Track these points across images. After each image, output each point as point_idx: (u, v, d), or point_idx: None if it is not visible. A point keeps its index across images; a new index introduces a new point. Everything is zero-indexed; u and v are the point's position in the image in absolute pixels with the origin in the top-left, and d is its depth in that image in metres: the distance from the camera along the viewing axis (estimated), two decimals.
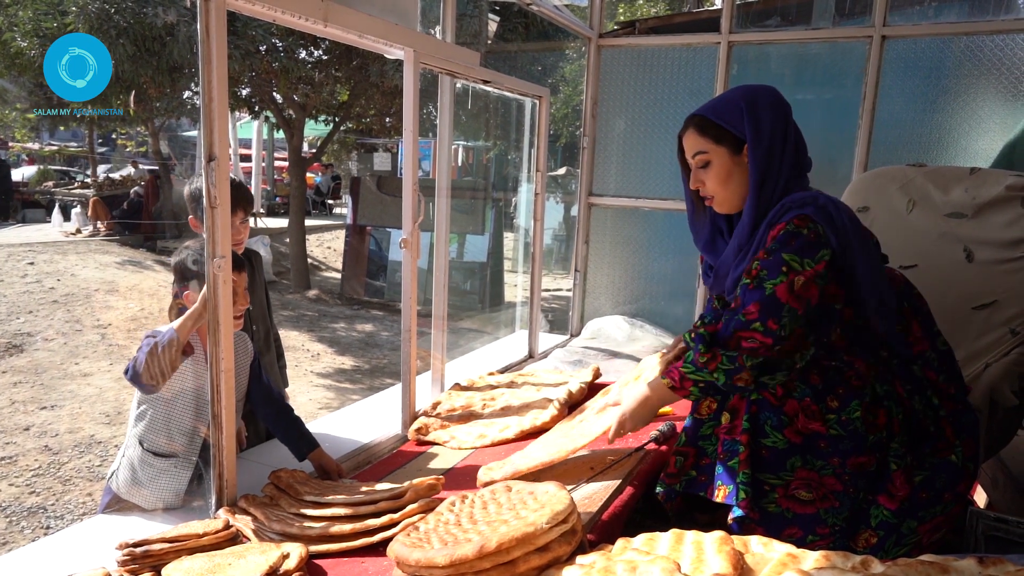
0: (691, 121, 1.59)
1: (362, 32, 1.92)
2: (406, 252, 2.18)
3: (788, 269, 1.39)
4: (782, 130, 1.50)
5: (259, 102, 8.29)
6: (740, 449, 1.41)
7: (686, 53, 3.28)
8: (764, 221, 1.49)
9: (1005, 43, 2.72)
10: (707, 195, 1.59)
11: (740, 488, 1.38)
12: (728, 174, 1.54)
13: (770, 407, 1.42)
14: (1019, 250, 1.94)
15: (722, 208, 1.59)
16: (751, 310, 1.41)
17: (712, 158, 1.54)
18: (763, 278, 1.41)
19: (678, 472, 1.53)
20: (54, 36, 5.70)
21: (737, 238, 1.55)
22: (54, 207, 11.43)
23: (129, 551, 1.39)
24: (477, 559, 1.14)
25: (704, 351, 1.44)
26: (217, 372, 1.57)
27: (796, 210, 1.44)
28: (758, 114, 1.49)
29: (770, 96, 1.52)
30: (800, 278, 1.39)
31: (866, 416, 1.39)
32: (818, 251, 1.40)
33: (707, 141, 1.55)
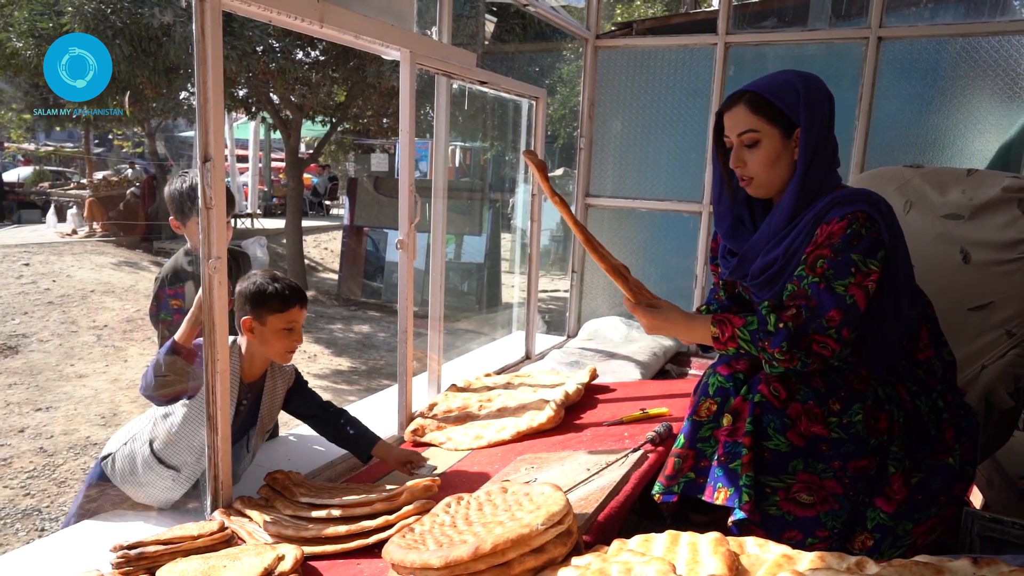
0: (741, 97, 1.51)
1: (358, 33, 1.92)
2: (402, 253, 2.18)
3: (856, 270, 1.37)
4: (831, 120, 1.50)
5: (256, 103, 8.27)
6: (743, 452, 1.40)
7: (683, 54, 3.28)
8: (809, 212, 1.46)
9: (1001, 44, 2.73)
10: (746, 176, 1.52)
11: (743, 491, 1.37)
12: (777, 157, 1.49)
13: (773, 410, 1.41)
14: (1015, 252, 1.94)
15: (759, 191, 1.54)
16: (833, 316, 1.37)
17: (763, 138, 1.48)
18: (830, 278, 1.38)
19: (676, 474, 1.53)
20: (50, 36, 5.68)
21: (771, 224, 1.51)
22: (49, 208, 11.39)
23: (123, 553, 1.38)
24: (472, 560, 1.13)
25: (785, 350, 1.37)
26: (212, 373, 1.56)
27: (848, 206, 1.41)
28: (813, 100, 1.46)
29: (821, 85, 1.51)
30: (868, 283, 1.38)
31: (867, 419, 1.38)
32: (878, 252, 1.39)
33: (760, 119, 1.48)
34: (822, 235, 1.42)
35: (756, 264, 1.53)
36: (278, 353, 1.81)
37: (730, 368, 1.54)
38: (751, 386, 1.47)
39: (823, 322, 1.37)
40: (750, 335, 1.43)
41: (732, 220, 1.62)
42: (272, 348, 1.80)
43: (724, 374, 1.54)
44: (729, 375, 1.53)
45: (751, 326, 1.43)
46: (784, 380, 1.43)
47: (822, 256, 1.40)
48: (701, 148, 3.25)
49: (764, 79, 1.52)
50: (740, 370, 1.53)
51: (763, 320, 1.42)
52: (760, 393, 1.43)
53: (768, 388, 1.42)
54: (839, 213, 1.41)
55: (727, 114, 1.53)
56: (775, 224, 1.51)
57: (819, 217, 1.45)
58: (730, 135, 1.53)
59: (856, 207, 1.41)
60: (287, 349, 1.80)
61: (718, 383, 1.53)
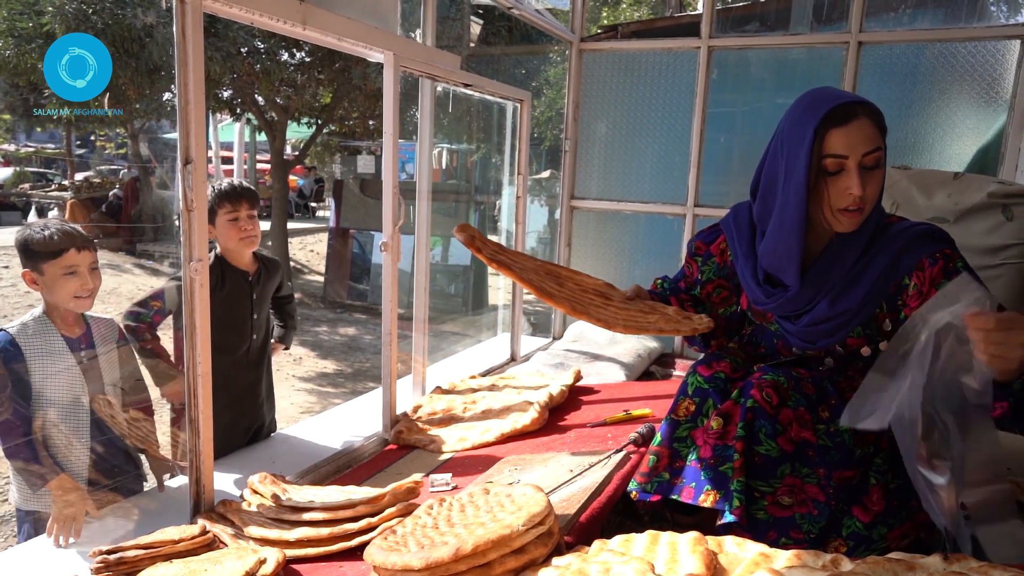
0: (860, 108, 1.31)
1: (341, 35, 1.91)
2: (387, 255, 2.18)
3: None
4: None
5: (241, 104, 8.22)
6: (735, 456, 1.40)
7: (667, 57, 3.30)
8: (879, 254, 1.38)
9: (978, 50, 2.77)
10: (859, 205, 1.33)
11: (735, 496, 1.37)
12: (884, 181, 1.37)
13: (765, 415, 1.41)
14: (998, 257, 1.96)
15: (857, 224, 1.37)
16: None
17: (882, 159, 1.33)
18: None
19: (650, 472, 1.53)
20: (30, 37, 5.62)
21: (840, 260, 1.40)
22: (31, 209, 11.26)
23: (103, 558, 1.37)
24: (453, 562, 1.14)
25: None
26: (195, 376, 1.55)
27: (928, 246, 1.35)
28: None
29: None
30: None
31: (855, 429, 1.38)
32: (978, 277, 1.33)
33: (881, 137, 1.33)
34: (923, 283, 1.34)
35: (821, 311, 1.42)
36: (67, 299, 1.78)
37: (710, 369, 1.55)
38: (743, 390, 1.47)
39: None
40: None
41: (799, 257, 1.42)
42: (58, 294, 1.77)
43: (704, 375, 1.55)
44: (710, 376, 1.54)
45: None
46: (776, 386, 1.43)
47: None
48: (685, 151, 3.27)
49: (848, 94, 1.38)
50: (721, 370, 1.54)
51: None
52: (752, 398, 1.42)
53: (761, 393, 1.42)
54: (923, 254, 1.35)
55: (841, 129, 1.30)
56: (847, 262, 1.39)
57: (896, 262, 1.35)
58: (849, 154, 1.31)
59: (939, 245, 1.36)
60: (74, 294, 1.78)
61: (697, 383, 1.54)
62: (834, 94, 1.37)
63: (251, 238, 2.21)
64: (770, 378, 1.43)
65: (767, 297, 1.52)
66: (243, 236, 2.18)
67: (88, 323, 1.86)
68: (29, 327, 1.77)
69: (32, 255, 1.76)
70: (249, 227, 2.19)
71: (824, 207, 1.38)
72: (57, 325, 1.80)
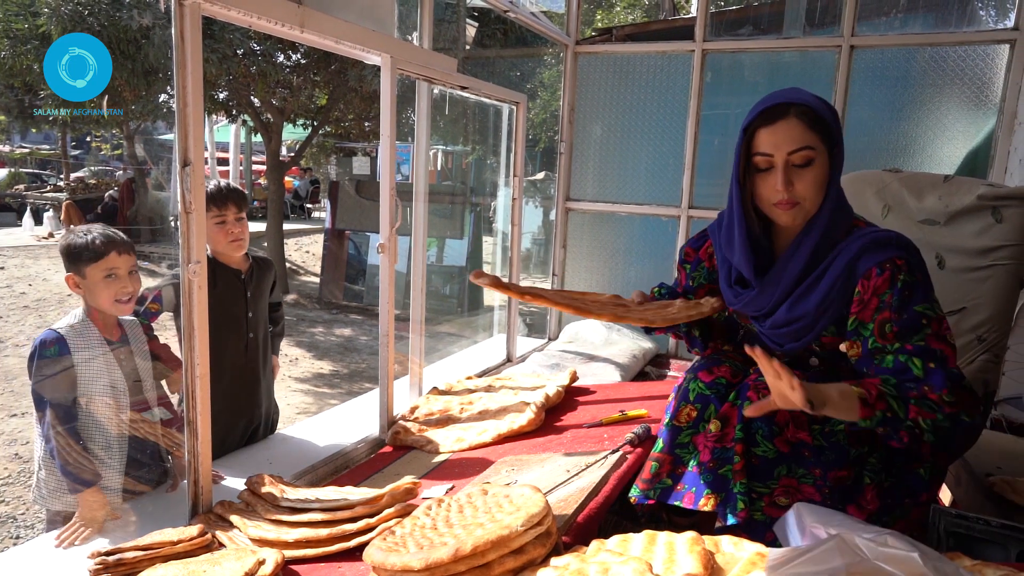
0: (788, 109, 1.35)
1: (339, 38, 1.93)
2: (384, 256, 2.19)
3: (928, 321, 1.30)
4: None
5: (237, 106, 8.22)
6: (735, 459, 1.41)
7: (661, 60, 3.32)
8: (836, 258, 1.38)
9: (967, 54, 2.80)
10: (792, 200, 1.36)
11: (739, 498, 1.38)
12: (825, 180, 1.36)
13: (762, 417, 1.41)
14: (988, 259, 1.98)
15: (797, 218, 1.40)
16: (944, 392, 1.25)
17: (817, 157, 1.34)
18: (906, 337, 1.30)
19: (653, 478, 1.54)
20: (25, 38, 5.61)
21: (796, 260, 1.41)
22: (26, 210, 11.22)
23: (102, 560, 1.38)
24: (452, 562, 1.15)
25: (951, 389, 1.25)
26: (192, 377, 1.56)
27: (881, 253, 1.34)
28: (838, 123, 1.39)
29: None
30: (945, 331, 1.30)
31: (849, 430, 1.39)
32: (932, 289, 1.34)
33: (815, 137, 1.34)
34: (866, 292, 1.34)
35: (780, 315, 1.44)
36: (107, 304, 1.80)
37: (711, 375, 1.55)
38: (739, 392, 1.48)
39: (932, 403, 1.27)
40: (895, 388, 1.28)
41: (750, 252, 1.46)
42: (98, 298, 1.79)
43: (706, 381, 1.55)
44: (711, 382, 1.54)
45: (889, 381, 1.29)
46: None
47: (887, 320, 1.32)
48: (679, 153, 3.30)
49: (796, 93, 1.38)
50: (722, 375, 1.54)
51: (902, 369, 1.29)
52: (750, 400, 1.43)
53: (758, 395, 1.43)
54: (874, 262, 1.34)
55: (767, 129, 1.36)
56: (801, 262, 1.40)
57: (851, 268, 1.36)
58: (774, 152, 1.36)
59: (893, 253, 1.34)
60: (114, 298, 1.79)
61: (699, 390, 1.54)
62: (777, 95, 1.39)
63: (238, 242, 2.19)
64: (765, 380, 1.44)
65: (735, 297, 1.54)
66: (230, 240, 2.16)
67: (122, 326, 1.89)
68: (75, 327, 1.79)
69: (74, 259, 1.78)
70: (237, 231, 2.17)
71: (763, 203, 1.43)
72: (98, 327, 1.82)
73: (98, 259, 1.77)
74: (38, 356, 1.72)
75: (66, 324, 1.78)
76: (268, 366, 2.41)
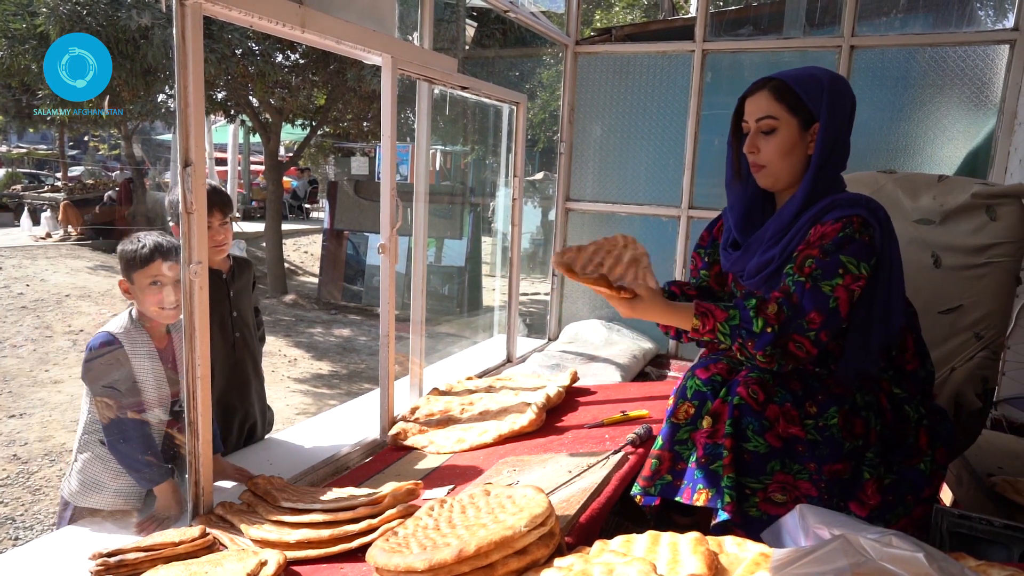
0: (767, 83, 1.51)
1: (339, 38, 1.92)
2: (384, 257, 2.19)
3: (844, 272, 1.37)
4: (850, 122, 1.51)
5: (235, 106, 8.21)
6: (724, 453, 1.42)
7: (661, 60, 3.32)
8: (808, 212, 1.46)
9: (968, 54, 2.80)
10: (759, 163, 1.52)
11: (725, 492, 1.39)
12: (791, 147, 1.49)
13: (752, 412, 1.43)
14: (983, 256, 1.99)
15: (767, 181, 1.54)
16: (814, 318, 1.37)
17: (780, 126, 1.48)
18: (818, 278, 1.38)
19: (653, 475, 1.55)
20: (23, 38, 5.60)
21: (778, 220, 1.51)
22: (23, 211, 11.19)
23: (103, 561, 1.37)
24: (456, 563, 1.14)
25: (768, 353, 1.38)
26: (193, 378, 1.56)
27: (847, 209, 1.42)
28: (836, 98, 1.46)
29: (847, 87, 1.51)
30: (856, 287, 1.37)
31: (843, 423, 1.40)
32: (872, 257, 1.40)
33: (781, 108, 1.48)
34: (815, 235, 1.43)
35: (753, 262, 1.53)
36: (152, 309, 1.83)
37: (708, 372, 1.56)
38: (730, 388, 1.49)
39: (803, 323, 1.38)
40: (731, 330, 1.42)
41: (743, 211, 1.60)
42: (145, 304, 1.83)
43: (702, 378, 1.56)
44: (707, 379, 1.55)
45: (732, 320, 1.42)
46: (762, 383, 1.45)
47: (811, 256, 1.41)
48: (679, 153, 3.30)
49: (792, 70, 1.51)
50: (718, 372, 1.55)
51: (747, 319, 1.40)
52: (739, 395, 1.44)
53: (747, 390, 1.44)
54: (835, 215, 1.42)
55: (749, 99, 1.53)
56: (782, 221, 1.50)
57: (816, 218, 1.45)
58: (749, 120, 1.53)
59: (854, 211, 1.42)
60: (160, 305, 1.82)
61: (696, 387, 1.55)
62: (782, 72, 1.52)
63: (220, 247, 2.17)
64: (756, 375, 1.45)
65: (727, 259, 1.64)
66: (212, 245, 2.10)
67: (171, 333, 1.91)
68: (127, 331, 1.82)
69: (126, 265, 1.83)
70: (220, 237, 2.15)
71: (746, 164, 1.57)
72: (149, 332, 1.86)
73: (144, 266, 1.80)
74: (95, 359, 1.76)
75: (119, 327, 1.81)
76: (258, 367, 2.41)
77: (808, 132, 1.49)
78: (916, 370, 1.53)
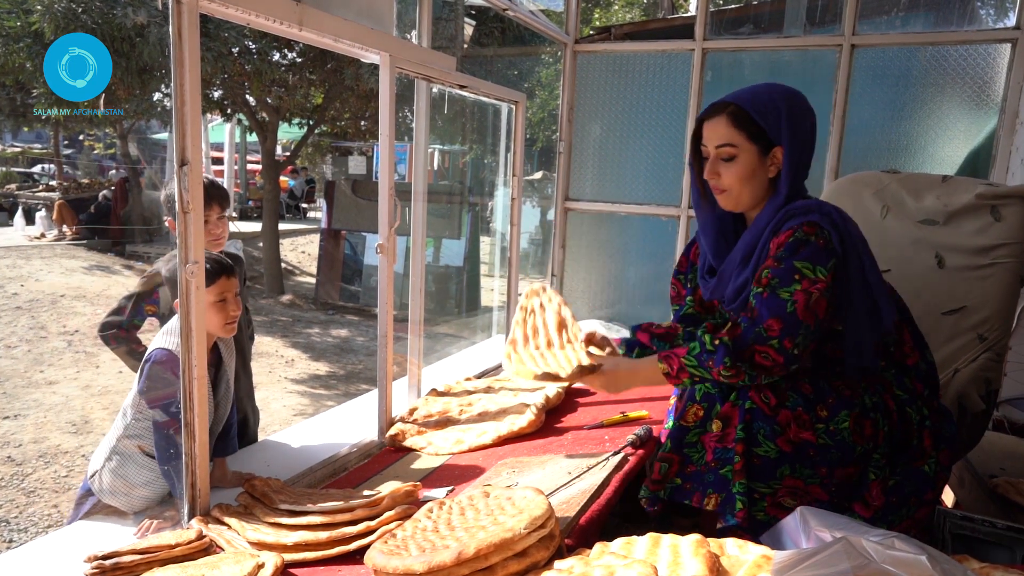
0: (724, 108, 1.49)
1: (337, 36, 1.91)
2: (382, 257, 2.17)
3: (801, 277, 1.36)
4: (812, 140, 1.50)
5: (232, 104, 8.18)
6: (736, 459, 1.41)
7: (661, 59, 3.31)
8: (768, 228, 1.46)
9: (968, 53, 2.80)
10: (720, 188, 1.51)
11: (737, 499, 1.38)
12: (752, 173, 1.47)
13: (764, 416, 1.42)
14: (988, 257, 1.99)
15: (729, 204, 1.53)
16: (772, 325, 1.37)
17: (740, 154, 1.47)
18: (775, 286, 1.38)
19: (662, 479, 1.53)
20: (18, 36, 5.57)
21: (745, 242, 1.50)
22: (17, 210, 11.15)
23: (98, 564, 1.35)
24: (455, 565, 1.13)
25: (729, 365, 1.38)
26: (190, 380, 1.54)
27: (801, 217, 1.41)
28: (796, 122, 1.45)
29: (806, 104, 1.50)
30: (814, 290, 1.36)
31: (854, 427, 1.40)
32: (829, 259, 1.38)
33: (740, 135, 1.46)
34: (774, 247, 1.42)
35: (729, 288, 1.52)
36: (218, 327, 1.82)
37: None
38: (740, 392, 1.47)
39: (762, 331, 1.37)
40: (696, 360, 1.43)
41: (714, 233, 1.59)
42: (211, 323, 1.80)
43: None
44: (716, 381, 1.54)
45: (693, 351, 1.44)
46: (774, 387, 1.43)
47: (768, 267, 1.41)
48: (679, 152, 3.29)
49: (748, 92, 1.49)
50: None
51: (703, 343, 1.43)
52: (751, 399, 1.43)
53: (759, 395, 1.43)
54: (790, 225, 1.41)
55: (707, 123, 1.51)
56: (748, 244, 1.49)
57: (775, 231, 1.44)
58: (708, 144, 1.51)
59: (806, 217, 1.41)
60: (225, 321, 1.82)
61: (705, 389, 1.54)
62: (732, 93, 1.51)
63: (217, 241, 2.17)
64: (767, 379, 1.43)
65: (705, 287, 1.63)
66: (210, 239, 2.14)
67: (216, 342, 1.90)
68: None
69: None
70: (217, 231, 2.15)
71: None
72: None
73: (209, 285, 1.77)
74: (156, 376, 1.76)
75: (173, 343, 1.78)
76: (247, 364, 2.40)
77: (768, 156, 1.47)
78: (917, 363, 1.52)
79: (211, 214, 2.12)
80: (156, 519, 1.74)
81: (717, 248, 1.58)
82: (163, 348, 1.79)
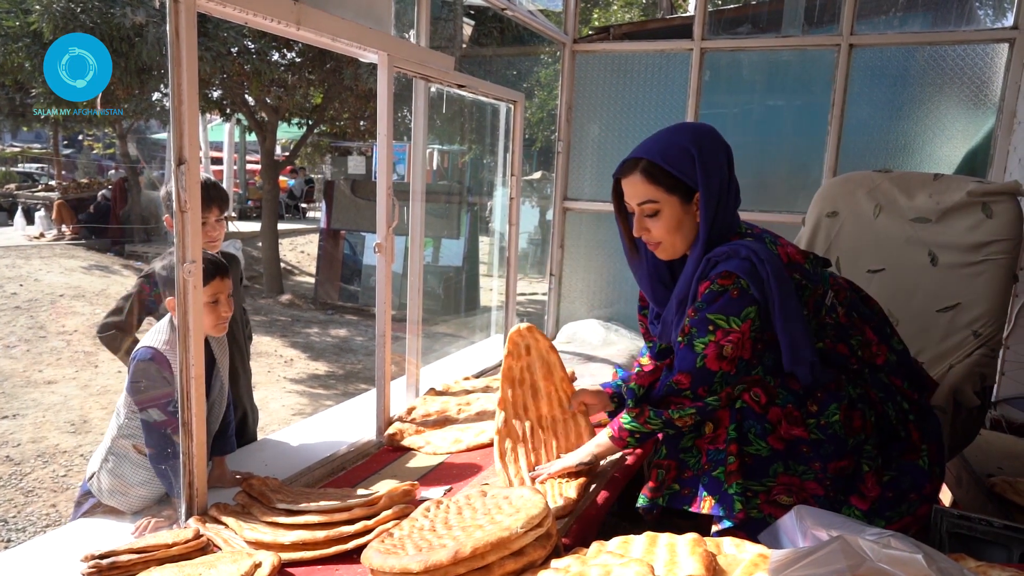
0: (636, 165, 1.47)
1: (335, 35, 1.90)
2: (381, 256, 2.17)
3: (715, 328, 1.38)
4: (728, 176, 1.48)
5: (231, 104, 8.18)
6: (730, 460, 1.41)
7: (659, 59, 3.31)
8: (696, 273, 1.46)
9: (966, 53, 2.80)
10: (652, 242, 1.51)
11: (736, 499, 1.38)
12: (679, 223, 1.47)
13: (754, 415, 1.42)
14: (980, 254, 2.00)
15: (666, 255, 1.53)
16: (681, 380, 1.43)
17: (662, 207, 1.46)
18: (692, 336, 1.42)
19: (659, 485, 1.53)
20: (16, 36, 5.57)
21: (679, 290, 1.51)
22: (17, 210, 11.14)
23: (95, 563, 1.35)
24: (452, 565, 1.13)
25: (632, 405, 1.48)
26: (187, 379, 1.54)
27: (722, 264, 1.41)
28: (707, 161, 1.43)
29: (715, 139, 1.47)
30: (727, 343, 1.38)
31: (844, 419, 1.40)
32: (743, 308, 1.38)
33: (658, 190, 1.45)
34: (700, 292, 1.43)
35: (674, 335, 1.52)
36: (209, 327, 1.82)
37: None
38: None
39: (673, 385, 1.45)
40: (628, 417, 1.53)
41: (650, 284, 1.61)
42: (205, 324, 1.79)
43: None
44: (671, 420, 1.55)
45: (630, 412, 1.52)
46: (764, 385, 1.44)
47: (689, 316, 1.44)
48: None
49: (657, 144, 1.48)
50: None
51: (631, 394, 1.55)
52: (741, 399, 1.44)
53: (749, 394, 1.44)
54: (712, 275, 1.42)
55: (624, 181, 1.50)
56: (682, 289, 1.50)
57: (700, 279, 1.45)
58: (630, 202, 1.51)
59: (726, 266, 1.40)
60: (216, 322, 1.82)
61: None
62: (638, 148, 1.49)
63: (213, 243, 2.16)
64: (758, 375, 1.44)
65: (656, 333, 1.65)
66: (207, 241, 2.13)
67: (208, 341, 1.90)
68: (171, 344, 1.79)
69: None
70: (215, 233, 2.14)
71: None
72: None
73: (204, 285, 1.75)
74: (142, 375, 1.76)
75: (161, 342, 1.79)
76: (245, 362, 2.39)
77: (692, 203, 1.46)
78: (887, 358, 1.51)
79: (210, 216, 2.12)
80: (154, 518, 1.74)
81: (656, 296, 1.61)
82: (149, 347, 1.78)
